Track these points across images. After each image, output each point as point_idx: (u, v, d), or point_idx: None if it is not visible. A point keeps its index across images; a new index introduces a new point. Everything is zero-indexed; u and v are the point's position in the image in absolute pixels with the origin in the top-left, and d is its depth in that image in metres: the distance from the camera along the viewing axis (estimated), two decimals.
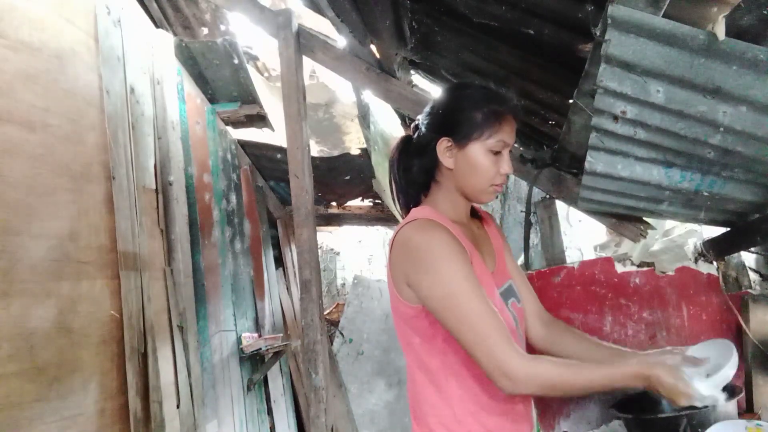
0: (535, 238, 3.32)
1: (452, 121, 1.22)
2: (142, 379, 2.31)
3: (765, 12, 1.07)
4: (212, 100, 3.53)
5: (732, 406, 1.59)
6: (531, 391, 1.10)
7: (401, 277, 1.19)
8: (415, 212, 1.27)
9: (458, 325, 1.10)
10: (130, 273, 2.34)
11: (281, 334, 3.76)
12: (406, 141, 1.34)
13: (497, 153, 1.21)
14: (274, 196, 4.32)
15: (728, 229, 1.95)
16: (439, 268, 1.12)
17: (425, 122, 1.28)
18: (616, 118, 1.38)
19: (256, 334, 3.53)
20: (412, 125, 1.33)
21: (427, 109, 1.31)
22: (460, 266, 1.12)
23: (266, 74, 6.09)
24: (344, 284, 8.46)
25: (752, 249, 2.09)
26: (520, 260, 2.57)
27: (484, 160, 1.20)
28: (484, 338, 1.08)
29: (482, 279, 1.18)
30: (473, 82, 1.32)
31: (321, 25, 2.94)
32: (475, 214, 1.40)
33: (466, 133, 1.20)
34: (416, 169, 1.30)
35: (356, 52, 2.47)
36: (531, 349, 1.40)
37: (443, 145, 1.23)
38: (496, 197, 4.02)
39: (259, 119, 3.66)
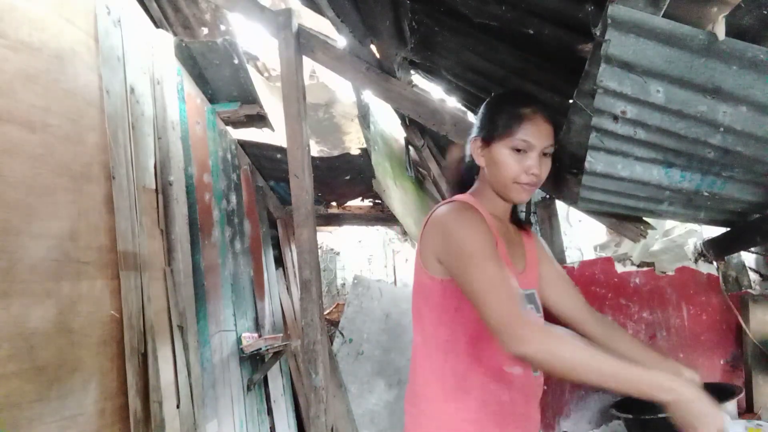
0: None
1: (483, 122, 1.34)
2: (142, 379, 2.31)
3: (765, 12, 1.07)
4: (212, 100, 3.53)
5: (732, 406, 1.59)
6: (539, 356, 1.05)
7: (430, 250, 1.26)
8: (454, 197, 1.37)
9: (473, 284, 1.14)
10: (130, 273, 2.34)
11: (281, 334, 3.76)
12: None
13: (522, 151, 1.27)
14: (274, 196, 4.32)
15: (728, 229, 1.95)
16: (464, 236, 1.19)
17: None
18: (616, 118, 1.38)
19: (256, 334, 3.53)
20: None
21: None
22: (483, 238, 1.19)
23: (266, 74, 6.08)
24: (344, 284, 8.45)
25: (752, 249, 2.09)
26: None
27: (506, 159, 1.28)
28: (497, 297, 1.11)
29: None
30: (513, 87, 1.41)
31: (321, 25, 2.94)
32: (518, 224, 1.47)
33: (491, 132, 1.30)
34: (464, 167, 1.43)
35: (356, 52, 2.47)
36: None
37: (475, 145, 1.34)
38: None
39: (259, 119, 3.66)
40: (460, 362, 1.25)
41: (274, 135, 3.92)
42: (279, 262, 4.27)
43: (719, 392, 1.30)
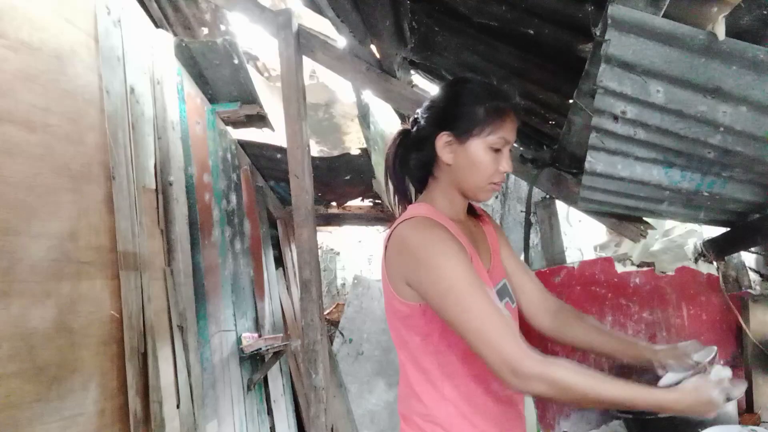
0: (535, 238, 3.32)
1: (453, 116, 1.20)
2: (142, 379, 2.31)
3: (765, 12, 1.07)
4: (212, 100, 3.53)
5: (732, 407, 1.59)
6: (539, 389, 1.04)
7: (399, 276, 1.17)
8: (412, 209, 1.25)
9: (463, 319, 1.07)
10: (130, 273, 2.34)
11: (281, 334, 3.75)
12: (404, 134, 1.31)
13: (497, 150, 1.19)
14: (274, 196, 4.32)
15: (728, 229, 1.95)
16: (439, 264, 1.09)
17: (425, 116, 1.26)
18: (616, 118, 1.38)
19: (256, 334, 3.53)
20: (411, 119, 1.32)
21: (427, 102, 1.29)
22: (461, 262, 1.10)
23: (266, 74, 6.08)
24: (344, 284, 8.45)
25: (752, 249, 2.09)
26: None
27: (484, 157, 1.18)
28: (491, 332, 1.04)
29: (480, 277, 1.16)
30: (475, 76, 1.27)
31: (321, 25, 2.94)
32: (471, 212, 1.39)
33: (466, 128, 1.18)
34: (414, 163, 1.28)
35: (356, 52, 2.47)
36: (540, 338, 1.39)
37: (443, 140, 1.20)
38: (495, 197, 4.01)
39: (259, 119, 3.66)
40: (462, 387, 1.19)
41: (274, 135, 3.92)
42: (279, 262, 4.27)
43: None
